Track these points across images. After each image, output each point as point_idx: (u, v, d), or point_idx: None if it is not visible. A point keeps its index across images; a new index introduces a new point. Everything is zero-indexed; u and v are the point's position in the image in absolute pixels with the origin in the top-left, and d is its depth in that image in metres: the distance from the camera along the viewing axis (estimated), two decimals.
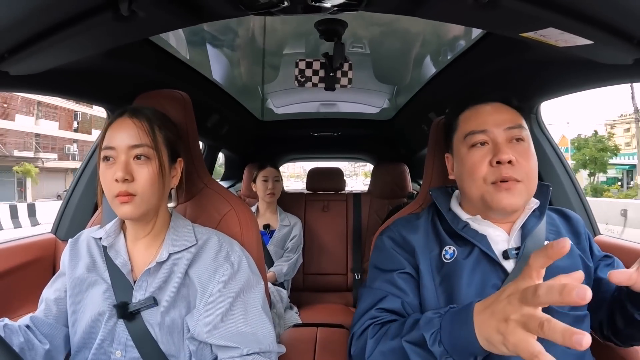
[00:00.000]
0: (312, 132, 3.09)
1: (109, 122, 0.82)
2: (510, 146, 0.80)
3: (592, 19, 0.65)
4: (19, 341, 0.76)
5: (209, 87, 1.81)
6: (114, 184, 0.76)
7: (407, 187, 2.56)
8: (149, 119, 0.81)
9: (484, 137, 0.82)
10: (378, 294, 0.82)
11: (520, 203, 0.79)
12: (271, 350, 0.82)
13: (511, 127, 0.81)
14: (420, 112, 2.17)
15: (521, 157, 0.78)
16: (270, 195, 2.23)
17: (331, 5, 0.71)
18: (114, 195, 0.77)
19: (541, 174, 1.33)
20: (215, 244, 0.86)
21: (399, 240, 0.89)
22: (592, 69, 0.96)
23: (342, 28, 1.17)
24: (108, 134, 0.80)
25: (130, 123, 0.79)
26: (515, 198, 0.77)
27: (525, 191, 0.79)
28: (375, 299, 0.81)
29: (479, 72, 1.37)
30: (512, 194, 0.77)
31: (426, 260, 0.84)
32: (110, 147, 0.78)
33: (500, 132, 0.81)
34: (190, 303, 0.81)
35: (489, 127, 0.82)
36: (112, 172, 0.77)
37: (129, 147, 0.77)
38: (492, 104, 0.85)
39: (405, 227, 0.91)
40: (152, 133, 0.80)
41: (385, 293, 0.82)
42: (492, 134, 0.81)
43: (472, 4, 0.62)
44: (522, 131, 0.81)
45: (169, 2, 0.67)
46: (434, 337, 0.62)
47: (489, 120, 0.82)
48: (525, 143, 0.81)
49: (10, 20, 0.65)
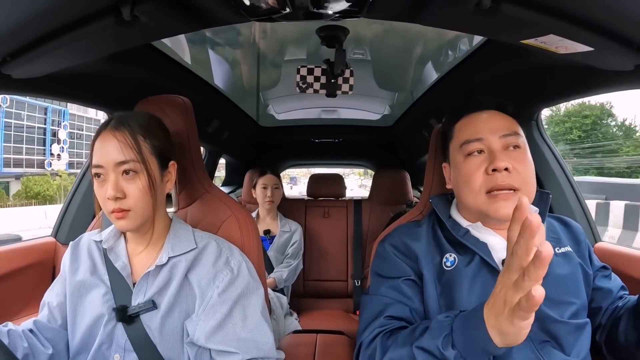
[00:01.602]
0: (312, 138, 3.10)
1: (95, 135, 0.81)
2: (506, 153, 0.79)
3: (592, 26, 0.65)
4: (23, 347, 0.76)
5: (210, 93, 1.82)
6: (107, 201, 0.77)
7: (408, 193, 2.55)
8: (131, 131, 0.79)
9: (479, 146, 0.81)
10: (384, 302, 0.81)
11: None
12: (270, 356, 0.81)
13: (507, 135, 0.80)
14: (421, 118, 2.18)
15: (518, 164, 0.78)
16: (269, 202, 2.23)
17: (332, 12, 0.71)
18: (109, 211, 0.77)
19: (542, 181, 1.34)
20: (214, 249, 0.86)
21: (402, 247, 0.87)
22: (593, 76, 0.96)
23: (344, 34, 1.17)
24: (95, 150, 0.79)
25: (113, 138, 0.78)
26: (513, 207, 0.77)
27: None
28: (381, 307, 0.80)
29: (479, 79, 1.37)
30: (509, 203, 0.76)
31: (429, 268, 0.83)
32: (98, 166, 0.78)
33: (495, 140, 0.80)
34: (189, 307, 0.81)
35: (484, 135, 0.81)
36: (104, 190, 0.77)
37: (115, 164, 0.77)
38: (488, 112, 0.85)
39: (407, 234, 0.90)
40: (137, 146, 0.78)
41: (392, 300, 0.80)
42: (487, 141, 0.81)
43: (473, 11, 0.62)
44: (518, 138, 0.81)
45: (171, 7, 0.67)
46: (446, 341, 0.62)
47: (484, 128, 0.82)
48: (522, 150, 0.81)
49: (13, 24, 0.65)
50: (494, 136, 0.80)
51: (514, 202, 0.76)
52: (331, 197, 2.70)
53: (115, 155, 0.77)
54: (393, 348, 0.70)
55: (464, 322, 0.62)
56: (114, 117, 0.82)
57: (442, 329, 0.64)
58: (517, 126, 0.84)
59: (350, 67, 1.28)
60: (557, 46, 0.73)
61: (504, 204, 0.76)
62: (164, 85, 1.38)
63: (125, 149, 0.77)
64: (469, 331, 0.60)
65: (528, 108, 1.32)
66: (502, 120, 0.83)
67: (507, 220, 0.80)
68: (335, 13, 0.71)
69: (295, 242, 2.25)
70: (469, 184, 0.81)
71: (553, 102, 1.26)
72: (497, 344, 0.56)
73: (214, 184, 1.10)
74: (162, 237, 0.87)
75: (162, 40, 1.22)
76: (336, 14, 0.72)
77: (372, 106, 2.34)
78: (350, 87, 1.33)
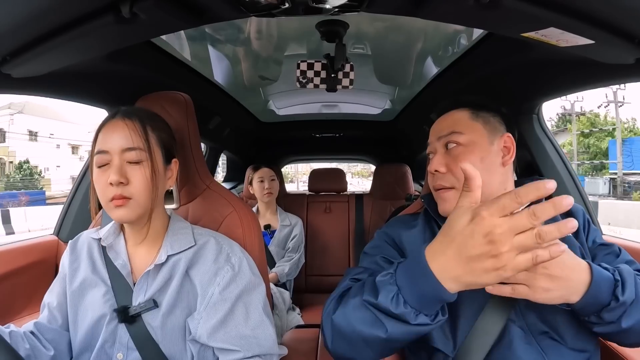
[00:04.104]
0: (313, 133, 3.10)
1: (102, 123, 0.81)
2: (446, 153, 0.84)
3: (593, 19, 0.65)
4: (24, 348, 0.76)
5: (210, 89, 1.81)
6: (109, 187, 0.75)
7: (409, 188, 2.55)
8: (141, 120, 0.80)
9: (430, 149, 0.89)
10: (356, 270, 0.83)
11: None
12: (272, 353, 0.82)
13: (443, 136, 0.85)
14: (422, 113, 2.17)
15: (452, 162, 0.82)
16: (268, 194, 2.22)
17: (332, 7, 0.71)
18: (108, 199, 0.76)
19: (542, 173, 1.34)
20: (214, 246, 0.86)
21: (395, 237, 0.89)
22: (593, 69, 0.96)
23: (343, 29, 1.17)
24: (101, 137, 0.79)
25: (123, 125, 0.78)
26: (451, 204, 0.81)
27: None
28: (352, 275, 0.81)
29: (480, 73, 1.37)
30: (446, 201, 0.82)
31: None
32: (103, 151, 0.77)
33: (436, 143, 0.87)
34: (191, 305, 0.81)
35: (431, 139, 0.88)
36: (106, 176, 0.76)
37: (122, 150, 0.77)
38: (445, 115, 0.89)
39: (402, 227, 0.92)
40: (145, 135, 0.79)
41: (362, 269, 0.83)
42: (432, 145, 0.88)
43: (473, 5, 0.62)
44: (457, 136, 0.83)
45: (170, 4, 0.67)
46: (396, 300, 0.59)
47: (433, 131, 0.89)
48: (459, 147, 0.82)
49: (12, 23, 0.65)
50: (435, 139, 0.87)
51: (450, 200, 0.81)
52: (332, 192, 2.70)
53: (123, 142, 0.77)
54: (345, 299, 0.69)
55: (409, 277, 0.59)
56: (120, 109, 0.83)
57: (388, 289, 0.61)
58: (463, 122, 0.84)
59: (350, 61, 1.27)
60: (557, 39, 0.73)
61: (442, 202, 0.84)
62: (164, 82, 1.38)
63: (134, 136, 0.78)
64: (418, 286, 0.58)
65: (529, 102, 1.32)
66: (447, 120, 0.87)
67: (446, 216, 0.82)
68: (335, 8, 0.71)
69: (296, 236, 2.25)
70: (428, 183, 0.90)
71: (554, 95, 1.25)
72: (451, 290, 0.55)
73: (215, 180, 1.11)
74: (160, 235, 0.86)
75: (162, 37, 1.21)
76: (335, 8, 0.71)
77: (373, 101, 2.33)
78: (350, 81, 1.32)
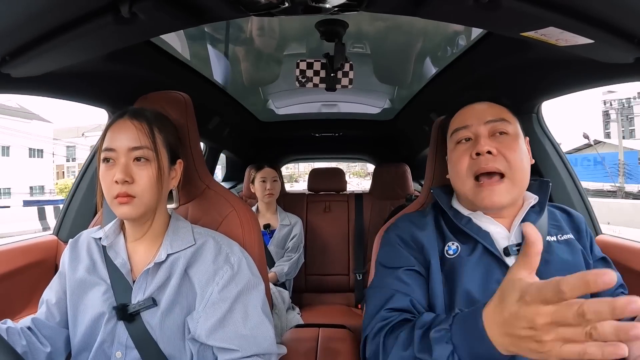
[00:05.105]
0: (313, 132, 3.09)
1: (109, 123, 0.82)
2: (492, 139, 0.81)
3: (592, 18, 0.65)
4: (21, 344, 0.76)
5: (210, 89, 1.81)
6: (114, 185, 0.77)
7: (409, 187, 2.55)
8: (148, 121, 0.81)
9: (466, 133, 0.84)
10: (386, 293, 0.80)
11: (506, 199, 0.80)
12: (271, 352, 0.82)
13: (492, 120, 0.82)
14: (421, 112, 2.17)
15: (504, 148, 0.79)
16: (269, 195, 2.22)
17: (331, 6, 0.71)
18: (113, 196, 0.77)
19: (542, 173, 1.34)
20: (213, 245, 0.86)
21: (407, 237, 0.88)
22: (593, 68, 0.96)
23: (343, 29, 1.17)
24: (108, 136, 0.80)
25: (130, 125, 0.79)
26: (498, 196, 0.78)
27: (510, 187, 0.79)
28: (383, 299, 0.79)
29: (479, 72, 1.37)
30: (494, 192, 0.78)
31: (436, 256, 0.83)
32: (110, 149, 0.78)
33: (481, 126, 0.83)
34: (190, 304, 0.81)
35: (470, 122, 0.84)
36: (112, 174, 0.77)
37: (129, 149, 0.78)
38: (480, 103, 0.87)
39: (414, 223, 0.90)
40: (152, 135, 0.80)
41: (393, 292, 0.80)
42: (473, 128, 0.83)
43: (472, 4, 0.62)
44: (506, 125, 0.82)
45: (169, 4, 0.67)
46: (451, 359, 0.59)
47: (472, 116, 0.85)
48: (510, 137, 0.82)
49: (11, 23, 0.65)
50: (480, 122, 0.83)
51: (499, 192, 0.78)
52: (332, 191, 2.70)
53: (130, 141, 0.78)
54: (396, 349, 0.68)
55: (465, 337, 0.58)
56: (128, 109, 0.84)
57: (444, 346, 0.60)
58: (507, 113, 0.85)
59: (349, 61, 1.27)
60: (557, 39, 0.73)
61: (488, 193, 0.78)
62: (163, 82, 1.37)
63: (141, 135, 0.79)
64: (474, 349, 0.56)
65: (528, 101, 1.32)
66: (490, 108, 0.85)
67: (491, 209, 0.82)
68: (334, 7, 0.71)
69: (295, 236, 2.25)
70: (457, 170, 0.84)
71: (553, 94, 1.25)
72: (506, 353, 0.53)
73: (214, 180, 1.10)
74: (161, 234, 0.87)
75: (162, 37, 1.21)
76: (335, 7, 0.71)
77: (372, 100, 2.33)
78: (349, 81, 1.33)
